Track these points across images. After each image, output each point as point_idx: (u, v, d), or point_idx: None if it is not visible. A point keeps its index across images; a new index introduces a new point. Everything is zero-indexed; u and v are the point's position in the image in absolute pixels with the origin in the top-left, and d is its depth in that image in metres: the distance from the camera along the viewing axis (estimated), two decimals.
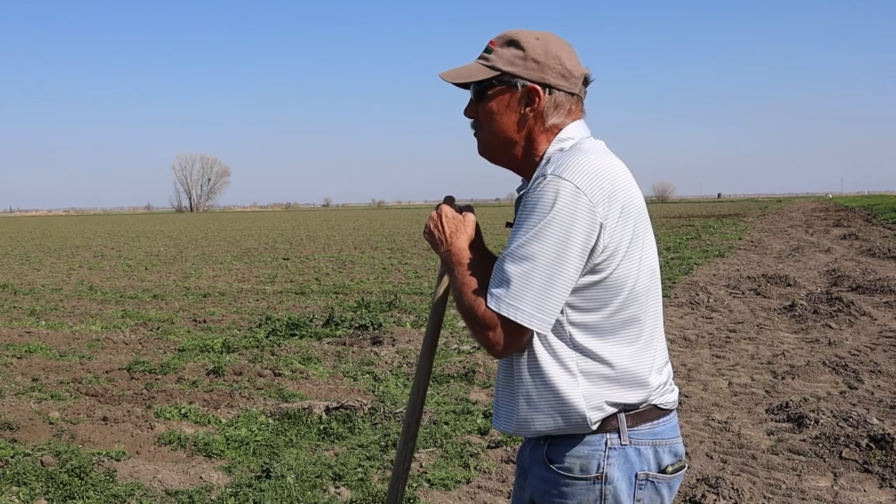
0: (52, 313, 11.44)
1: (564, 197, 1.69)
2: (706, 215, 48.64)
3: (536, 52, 1.83)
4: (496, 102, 1.86)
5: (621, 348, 1.78)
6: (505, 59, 1.84)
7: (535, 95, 1.83)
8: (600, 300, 1.75)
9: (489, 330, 1.73)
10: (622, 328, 1.78)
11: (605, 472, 1.78)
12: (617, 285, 1.76)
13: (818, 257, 16.93)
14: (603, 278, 1.74)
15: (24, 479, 4.48)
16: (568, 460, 1.80)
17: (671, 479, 1.84)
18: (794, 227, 29.30)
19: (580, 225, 1.69)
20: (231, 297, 13.06)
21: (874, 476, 4.44)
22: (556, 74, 1.84)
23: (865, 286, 11.43)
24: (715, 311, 10.10)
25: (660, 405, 1.84)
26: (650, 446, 1.81)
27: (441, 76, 1.91)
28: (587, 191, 1.70)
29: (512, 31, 1.88)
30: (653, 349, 1.84)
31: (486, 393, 6.46)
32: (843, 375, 6.65)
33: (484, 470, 4.69)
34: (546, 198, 1.71)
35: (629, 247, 1.76)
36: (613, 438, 1.78)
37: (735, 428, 5.33)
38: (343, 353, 8.03)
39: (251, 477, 4.62)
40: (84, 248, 27.85)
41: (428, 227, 1.92)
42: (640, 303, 1.80)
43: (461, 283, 1.81)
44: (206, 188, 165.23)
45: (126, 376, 7.19)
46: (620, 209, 1.74)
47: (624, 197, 1.76)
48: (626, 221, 1.75)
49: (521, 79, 1.83)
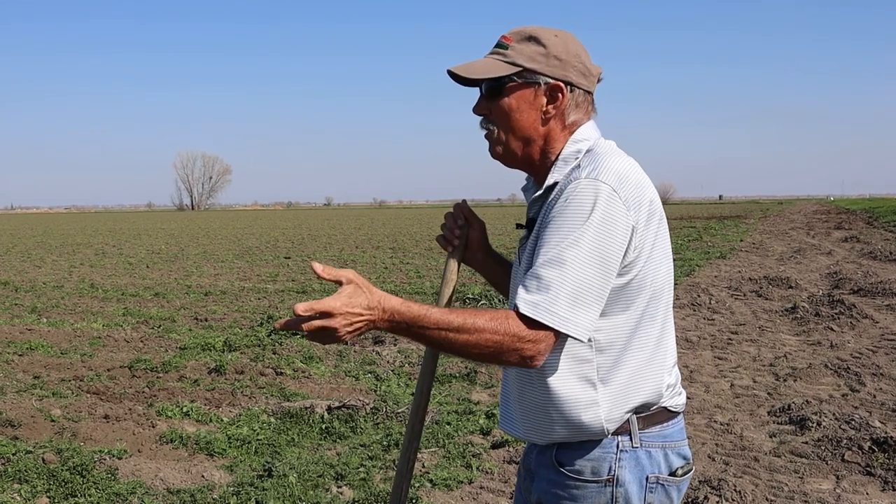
0: (54, 311, 11.44)
1: (603, 200, 1.65)
2: (707, 217, 48.63)
3: (558, 49, 1.79)
4: (515, 99, 1.80)
5: (639, 351, 1.77)
6: (526, 56, 1.79)
7: (558, 92, 1.80)
8: (625, 302, 1.73)
9: (524, 343, 1.61)
10: (640, 329, 1.76)
11: (616, 475, 1.76)
12: (640, 287, 1.74)
13: (819, 260, 16.92)
14: (629, 280, 1.72)
15: (25, 476, 4.48)
16: (579, 463, 1.78)
17: (680, 482, 1.83)
18: (795, 230, 29.27)
19: (619, 229, 1.66)
20: (233, 295, 13.06)
21: (877, 479, 4.44)
22: (576, 73, 1.81)
23: (867, 289, 11.42)
24: (716, 313, 10.09)
25: (669, 408, 1.83)
26: (660, 449, 1.80)
27: (453, 70, 1.82)
28: (622, 193, 1.67)
29: (528, 28, 1.83)
30: (664, 349, 1.83)
31: (488, 393, 6.45)
32: (845, 378, 6.64)
33: (486, 470, 4.68)
34: (585, 201, 1.66)
35: (652, 248, 1.74)
36: (625, 441, 1.76)
37: (737, 430, 5.32)
38: (345, 353, 8.03)
39: (253, 476, 4.61)
40: (85, 246, 27.85)
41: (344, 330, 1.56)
42: (657, 303, 1.79)
43: (457, 325, 1.60)
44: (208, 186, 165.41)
45: (127, 374, 7.19)
46: (648, 211, 1.72)
47: (649, 198, 1.74)
48: (651, 222, 1.73)
49: (543, 76, 1.79)
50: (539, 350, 1.63)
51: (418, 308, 1.61)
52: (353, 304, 1.55)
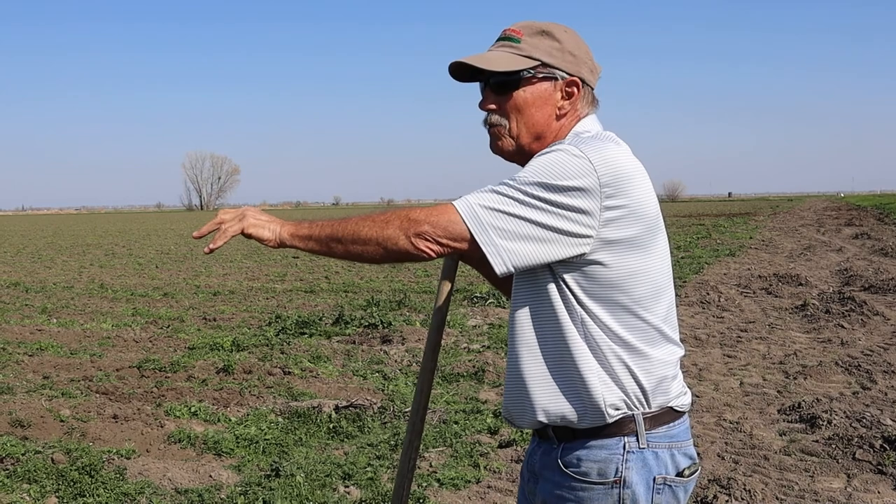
0: (64, 311, 11.49)
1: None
2: (717, 214, 48.45)
3: (571, 45, 1.80)
4: (531, 93, 1.79)
5: (633, 342, 1.75)
6: (542, 50, 1.78)
7: (574, 88, 1.80)
8: (606, 286, 1.76)
9: (414, 222, 1.66)
10: (630, 319, 1.75)
11: (623, 477, 1.73)
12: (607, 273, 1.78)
13: (830, 256, 16.82)
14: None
15: (34, 476, 4.49)
16: (584, 464, 1.75)
17: (687, 483, 1.81)
18: (805, 227, 29.13)
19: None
20: (241, 295, 13.08)
21: (888, 477, 4.40)
22: (587, 69, 1.83)
23: (878, 286, 11.35)
24: (726, 311, 10.04)
25: (675, 407, 1.80)
26: (667, 449, 1.77)
27: (467, 61, 1.78)
28: (599, 172, 1.67)
29: (536, 22, 1.82)
30: (660, 346, 1.79)
31: (495, 392, 6.44)
32: (856, 376, 6.59)
33: (494, 469, 4.67)
34: (552, 155, 1.71)
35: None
36: (631, 442, 1.73)
37: (747, 428, 5.29)
38: (352, 352, 8.02)
39: (261, 475, 4.61)
40: (95, 247, 27.97)
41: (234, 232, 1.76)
42: (659, 298, 1.79)
43: (342, 217, 1.76)
44: (216, 187, 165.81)
45: (136, 374, 7.20)
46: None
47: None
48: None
49: (561, 71, 1.79)
50: (423, 231, 1.65)
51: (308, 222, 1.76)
52: (259, 213, 1.78)
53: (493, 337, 8.57)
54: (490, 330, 9.03)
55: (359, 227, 1.69)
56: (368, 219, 1.70)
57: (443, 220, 1.65)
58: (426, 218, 1.65)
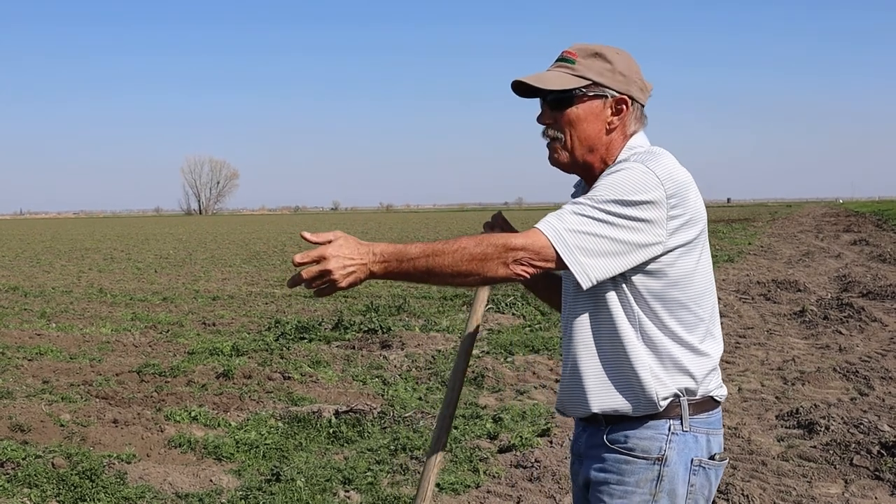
0: (63, 316, 11.50)
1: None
2: (715, 220, 48.46)
3: (622, 65, 1.98)
4: (584, 110, 1.96)
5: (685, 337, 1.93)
6: (594, 71, 1.96)
7: (623, 105, 1.97)
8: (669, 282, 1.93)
9: (510, 251, 1.78)
10: (678, 317, 1.94)
11: (665, 455, 1.90)
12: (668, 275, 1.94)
13: (828, 263, 16.86)
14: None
15: (35, 480, 4.50)
16: (631, 441, 1.92)
17: (718, 467, 1.98)
18: (804, 233, 29.19)
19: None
20: (240, 300, 13.10)
21: (885, 483, 4.42)
22: (636, 88, 2.00)
23: (876, 292, 11.38)
24: (724, 317, 10.06)
25: (715, 397, 1.98)
26: (704, 434, 1.94)
27: (525, 80, 1.96)
28: (666, 186, 1.85)
29: (590, 45, 2.00)
30: (708, 342, 1.98)
31: (494, 397, 6.45)
32: (854, 382, 6.62)
33: (493, 474, 4.68)
34: (625, 171, 1.87)
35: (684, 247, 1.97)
36: (676, 424, 1.91)
37: (745, 434, 5.31)
38: (352, 357, 8.04)
39: (261, 480, 4.63)
40: (94, 251, 27.98)
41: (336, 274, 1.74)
42: (702, 301, 2.00)
43: (440, 248, 1.77)
44: (215, 191, 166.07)
45: (136, 379, 7.22)
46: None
47: (693, 200, 1.93)
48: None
49: (611, 90, 1.96)
50: (520, 257, 1.78)
51: (402, 245, 1.79)
52: (345, 249, 1.74)
53: (492, 342, 8.59)
54: (489, 335, 9.05)
55: (457, 263, 1.78)
56: (464, 250, 1.78)
57: (536, 246, 1.80)
58: (523, 245, 1.80)
